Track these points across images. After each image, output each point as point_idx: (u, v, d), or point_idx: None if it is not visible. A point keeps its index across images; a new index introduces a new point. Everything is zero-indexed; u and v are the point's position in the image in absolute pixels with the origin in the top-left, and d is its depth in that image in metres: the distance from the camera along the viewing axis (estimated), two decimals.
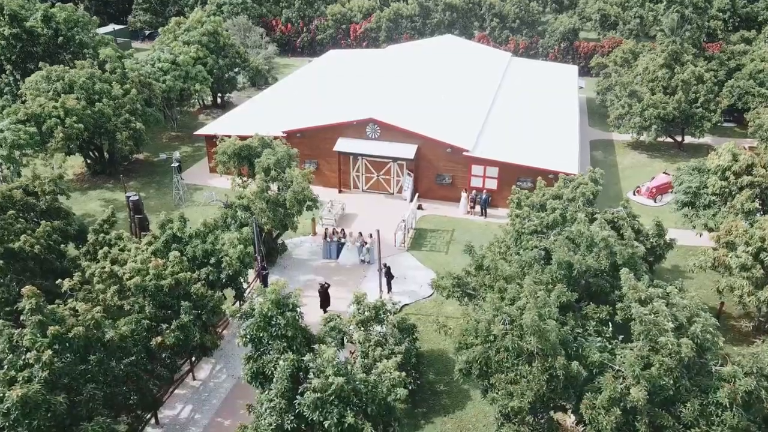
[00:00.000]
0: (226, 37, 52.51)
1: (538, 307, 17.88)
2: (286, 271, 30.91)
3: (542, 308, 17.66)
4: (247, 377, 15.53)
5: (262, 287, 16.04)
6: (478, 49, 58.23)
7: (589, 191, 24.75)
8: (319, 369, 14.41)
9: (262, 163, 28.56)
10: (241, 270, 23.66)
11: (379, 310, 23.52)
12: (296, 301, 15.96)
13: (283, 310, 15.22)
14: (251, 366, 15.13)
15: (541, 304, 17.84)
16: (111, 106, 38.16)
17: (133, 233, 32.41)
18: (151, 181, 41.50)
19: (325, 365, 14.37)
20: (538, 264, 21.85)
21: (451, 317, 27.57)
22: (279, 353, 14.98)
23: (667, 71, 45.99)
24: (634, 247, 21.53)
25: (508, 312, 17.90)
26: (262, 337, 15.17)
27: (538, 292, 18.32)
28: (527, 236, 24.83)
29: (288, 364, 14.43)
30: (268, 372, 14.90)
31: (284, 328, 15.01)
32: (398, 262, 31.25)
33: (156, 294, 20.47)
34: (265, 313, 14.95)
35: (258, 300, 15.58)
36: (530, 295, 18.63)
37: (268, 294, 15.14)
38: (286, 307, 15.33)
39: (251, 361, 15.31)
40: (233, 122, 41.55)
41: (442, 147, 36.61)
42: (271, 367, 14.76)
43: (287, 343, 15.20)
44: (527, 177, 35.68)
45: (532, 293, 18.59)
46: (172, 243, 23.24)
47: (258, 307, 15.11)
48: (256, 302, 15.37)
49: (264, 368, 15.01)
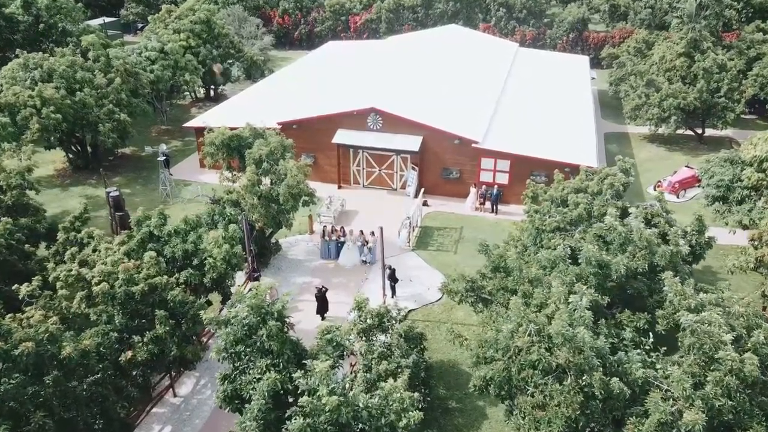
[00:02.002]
0: (220, 26, 49.85)
1: (570, 312, 15.27)
2: (281, 273, 28.25)
3: (574, 314, 15.04)
4: (219, 401, 12.86)
5: (243, 292, 13.38)
6: (483, 39, 55.56)
7: (619, 183, 22.07)
8: (311, 388, 11.74)
9: (253, 154, 25.92)
10: (227, 272, 20.99)
11: (383, 317, 20.93)
12: (283, 308, 13.28)
13: (266, 319, 12.53)
14: (225, 387, 12.45)
15: (572, 309, 15.23)
16: (93, 96, 35.51)
17: (114, 232, 29.85)
18: (138, 176, 38.85)
19: (317, 383, 11.73)
20: (563, 264, 19.21)
21: (462, 324, 24.95)
22: (261, 372, 12.31)
23: (685, 60, 43.36)
24: (677, 246, 18.89)
25: (533, 320, 15.26)
26: (241, 352, 12.50)
27: (570, 297, 15.69)
28: (548, 234, 22.19)
29: (268, 384, 11.75)
30: (245, 395, 12.23)
31: (267, 340, 12.33)
32: (403, 263, 28.59)
33: (126, 302, 17.81)
34: (244, 322, 12.28)
35: (239, 306, 12.93)
36: (560, 300, 16.00)
37: (247, 299, 12.49)
38: (270, 315, 12.65)
39: (226, 381, 12.63)
40: (225, 114, 38.89)
41: (449, 139, 33.94)
42: (250, 389, 12.09)
43: (272, 359, 12.54)
44: (541, 171, 33.02)
45: (562, 298, 15.96)
46: (148, 242, 20.59)
47: (236, 315, 12.44)
48: (235, 310, 12.70)
49: (242, 390, 12.34)
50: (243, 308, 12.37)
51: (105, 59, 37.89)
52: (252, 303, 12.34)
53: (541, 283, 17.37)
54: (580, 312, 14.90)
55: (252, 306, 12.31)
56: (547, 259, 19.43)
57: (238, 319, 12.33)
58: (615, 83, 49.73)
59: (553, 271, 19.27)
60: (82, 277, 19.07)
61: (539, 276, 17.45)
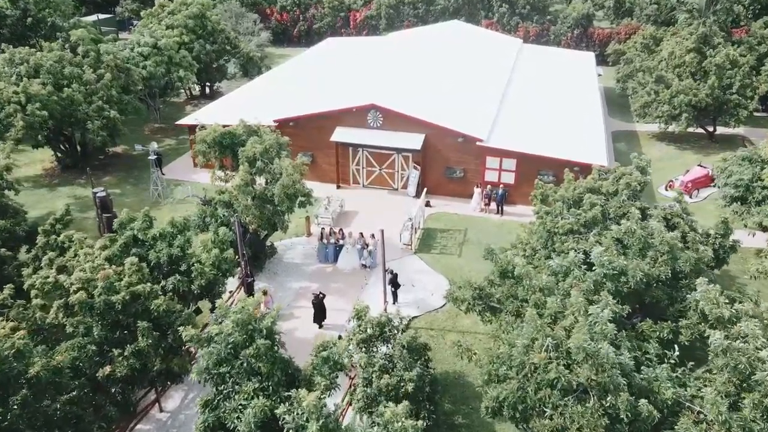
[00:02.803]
0: (215, 21, 48.39)
1: (590, 325, 13.84)
2: (276, 278, 26.82)
3: (595, 327, 13.61)
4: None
5: (226, 306, 11.94)
6: (486, 35, 54.12)
7: (636, 183, 20.63)
8: (297, 425, 10.28)
9: (247, 152, 24.48)
10: (217, 278, 19.57)
11: (384, 326, 19.53)
12: (273, 323, 11.83)
13: (254, 336, 11.09)
14: (206, 417, 11.00)
15: (593, 322, 13.80)
16: (82, 93, 34.06)
17: (101, 234, 28.41)
18: (129, 176, 37.40)
19: (305, 417, 10.28)
20: (578, 270, 17.79)
21: (469, 333, 23.57)
22: (248, 397, 10.86)
23: (696, 56, 41.92)
24: (699, 251, 17.46)
25: (551, 334, 13.83)
26: (226, 374, 11.06)
27: (590, 307, 14.26)
28: (560, 237, 20.77)
29: (255, 414, 10.32)
30: (230, 425, 10.79)
31: (255, 361, 10.89)
32: (404, 266, 27.17)
33: (106, 312, 16.39)
34: (228, 340, 10.84)
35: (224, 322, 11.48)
36: (578, 310, 14.56)
37: (232, 313, 11.06)
38: (258, 332, 11.21)
39: (207, 408, 11.19)
40: (220, 111, 37.43)
41: (452, 136, 32.51)
42: (234, 418, 10.65)
43: (260, 381, 11.09)
44: (549, 170, 31.61)
45: (580, 308, 14.52)
46: (132, 247, 19.15)
47: (220, 332, 11.00)
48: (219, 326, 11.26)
49: (225, 419, 10.90)
50: (228, 324, 10.93)
51: (95, 54, 36.43)
52: (237, 318, 10.90)
53: (552, 291, 15.91)
54: (602, 325, 13.47)
55: (237, 322, 10.87)
56: (560, 265, 18.02)
57: (222, 336, 10.91)
58: (622, 80, 48.31)
59: (566, 278, 17.88)
60: (59, 285, 17.63)
61: (550, 284, 15.98)
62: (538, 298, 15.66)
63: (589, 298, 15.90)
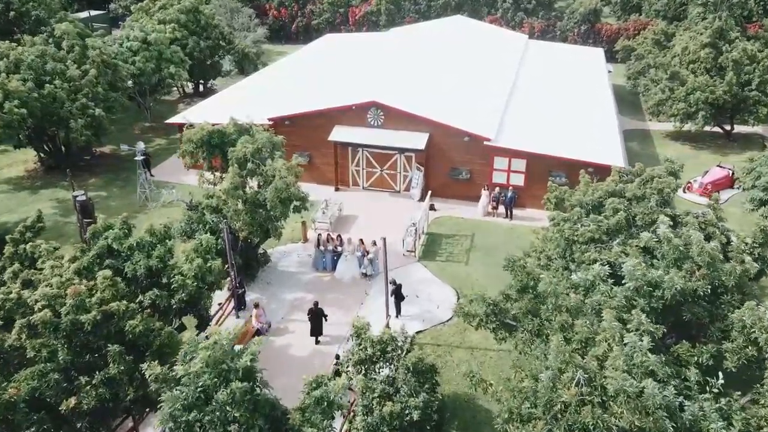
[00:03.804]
0: (209, 16, 46.42)
1: (627, 356, 11.91)
2: (269, 289, 24.87)
3: (633, 359, 11.69)
4: None
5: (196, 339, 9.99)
6: (491, 30, 52.16)
7: (667, 187, 18.69)
8: None
9: (237, 152, 22.56)
10: (201, 292, 17.64)
11: (386, 345, 17.65)
12: (254, 360, 9.90)
13: (228, 378, 9.18)
14: None
15: (631, 353, 11.87)
16: (65, 90, 32.13)
17: (82, 241, 26.49)
18: (117, 178, 35.45)
19: None
20: (604, 284, 15.87)
21: (478, 349, 21.65)
22: None
23: (711, 51, 40.02)
24: (743, 263, 15.54)
25: (581, 365, 11.91)
26: (195, 423, 9.15)
27: (626, 335, 12.32)
28: (580, 246, 18.84)
29: None
30: None
31: (230, 409, 8.97)
32: (408, 275, 25.26)
33: (73, 333, 14.46)
34: (197, 382, 8.93)
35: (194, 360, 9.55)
36: (613, 336, 12.62)
37: (201, 350, 9.15)
38: (234, 372, 9.29)
39: None
40: (212, 109, 35.49)
41: (458, 135, 30.57)
42: None
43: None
44: (561, 171, 29.71)
45: (615, 334, 12.59)
46: (106, 258, 17.22)
47: (186, 372, 9.08)
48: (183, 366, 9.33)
49: None
50: (196, 363, 9.04)
51: (80, 49, 34.48)
52: (208, 357, 8.96)
53: (582, 312, 13.98)
54: (641, 356, 11.53)
55: (208, 361, 8.94)
56: (584, 279, 16.10)
57: (191, 377, 9.01)
58: (633, 77, 46.36)
59: (591, 293, 15.97)
60: (23, 302, 15.70)
61: (578, 305, 14.04)
62: (565, 320, 13.72)
63: (620, 317, 14.02)
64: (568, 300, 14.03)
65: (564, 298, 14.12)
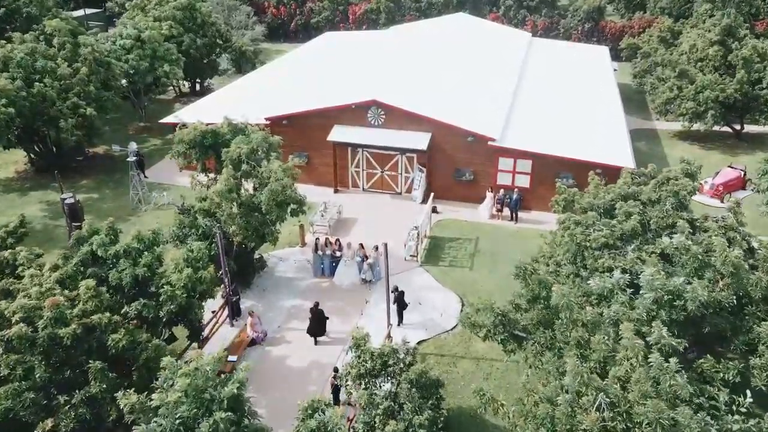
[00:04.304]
0: (206, 14, 45.39)
1: (653, 378, 10.90)
2: (265, 295, 23.83)
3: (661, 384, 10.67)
4: None
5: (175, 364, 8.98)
6: (494, 28, 51.11)
7: (683, 189, 17.66)
8: None
9: (231, 153, 21.55)
10: (191, 302, 16.63)
11: (387, 358, 16.67)
12: (240, 389, 8.88)
13: (211, 408, 8.17)
14: None
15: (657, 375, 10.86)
16: (55, 88, 31.10)
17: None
18: (110, 179, 34.42)
19: None
20: (622, 294, 14.85)
21: (484, 359, 20.63)
22: None
23: (719, 49, 39.01)
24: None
25: (602, 388, 10.89)
26: None
27: (650, 353, 11.30)
28: (593, 252, 17.82)
29: None
30: None
31: None
32: (410, 281, 24.25)
33: (51, 349, 13.45)
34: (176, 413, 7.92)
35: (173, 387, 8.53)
36: (636, 354, 11.60)
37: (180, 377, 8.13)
38: (218, 402, 8.28)
39: None
40: (208, 108, 34.48)
41: (462, 135, 29.54)
42: None
43: None
44: (568, 172, 28.70)
45: (637, 352, 11.56)
46: (89, 266, 16.20)
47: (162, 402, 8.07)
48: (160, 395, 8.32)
49: None
50: (175, 392, 8.05)
51: (71, 47, 33.45)
52: (187, 384, 7.96)
53: (600, 328, 12.95)
54: (669, 379, 10.51)
55: (188, 390, 7.93)
56: (602, 287, 15.08)
57: (169, 407, 8.03)
58: (639, 75, 45.33)
59: (608, 302, 14.96)
60: (0, 313, 14.68)
61: (596, 319, 13.00)
62: (581, 336, 12.69)
63: (639, 330, 13.02)
64: (584, 314, 12.99)
65: (579, 312, 13.08)
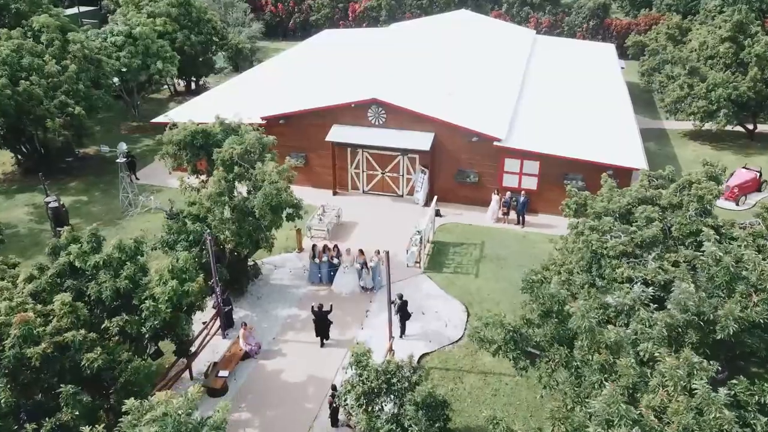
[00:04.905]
0: (201, 10, 44.11)
1: (695, 408, 9.65)
2: (260, 305, 22.56)
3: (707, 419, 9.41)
4: None
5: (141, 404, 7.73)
6: (497, 25, 49.88)
7: (708, 194, 16.41)
8: None
9: (223, 154, 20.29)
10: (178, 316, 15.38)
11: (391, 377, 15.46)
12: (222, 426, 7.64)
13: None
14: None
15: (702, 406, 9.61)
16: (42, 86, 29.85)
17: None
18: (100, 181, 33.14)
19: None
20: (645, 310, 13.60)
21: (492, 374, 19.39)
22: None
23: (731, 46, 37.78)
24: None
25: (636, 418, 9.64)
26: None
27: (693, 381, 10.04)
28: (611, 260, 16.57)
29: None
30: None
31: None
32: (412, 289, 23.00)
33: (18, 370, 12.20)
34: None
35: None
36: (676, 385, 10.30)
37: (146, 424, 6.89)
38: None
39: None
40: (202, 107, 33.08)
41: (466, 135, 28.28)
42: None
43: None
44: (577, 173, 27.48)
45: (679, 385, 10.27)
46: (67, 278, 14.94)
47: None
48: None
49: None
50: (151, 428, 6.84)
51: (60, 44, 32.19)
52: (161, 425, 6.72)
53: (625, 349, 11.69)
54: (716, 411, 9.27)
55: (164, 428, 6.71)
56: (621, 303, 13.84)
57: None
58: (647, 73, 44.04)
59: (628, 319, 13.73)
60: None
61: (621, 340, 11.74)
62: (604, 360, 11.43)
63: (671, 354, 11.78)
64: (607, 335, 11.72)
65: (602, 333, 11.81)
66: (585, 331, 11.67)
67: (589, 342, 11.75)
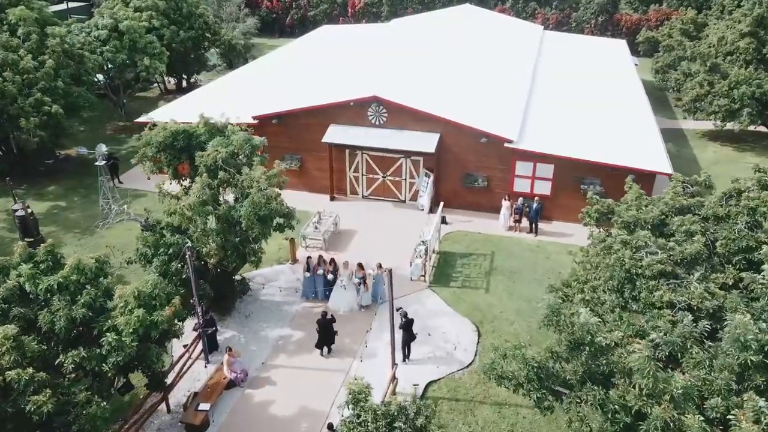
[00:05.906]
0: (193, 4, 41.92)
1: None
2: (248, 324, 20.35)
3: None
4: None
5: None
6: (503, 20, 47.74)
7: (762, 205, 14.24)
8: None
9: (206, 158, 18.11)
10: (147, 348, 13.20)
11: (394, 419, 13.29)
12: None
13: None
14: None
15: None
16: (17, 83, 27.69)
17: None
18: (80, 185, 30.94)
19: None
20: (698, 348, 11.45)
21: (508, 405, 17.22)
22: None
23: (751, 41, 35.69)
24: None
25: None
26: None
27: None
28: (648, 281, 14.39)
29: None
30: None
31: None
32: (417, 305, 20.83)
33: None
34: None
35: None
36: None
37: None
38: None
39: None
40: (190, 107, 30.79)
41: (474, 136, 26.12)
42: None
43: None
44: (595, 178, 25.35)
45: None
46: (15, 305, 12.75)
47: None
48: None
49: None
50: None
51: (37, 38, 30.01)
52: None
53: (692, 400, 9.54)
54: None
55: None
56: (668, 342, 11.66)
57: None
58: (662, 71, 41.90)
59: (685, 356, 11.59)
60: None
61: (690, 390, 9.57)
62: (669, 415, 9.25)
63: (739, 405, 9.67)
64: (674, 384, 9.54)
65: (669, 382, 9.62)
66: (646, 377, 9.48)
67: (653, 385, 9.54)
